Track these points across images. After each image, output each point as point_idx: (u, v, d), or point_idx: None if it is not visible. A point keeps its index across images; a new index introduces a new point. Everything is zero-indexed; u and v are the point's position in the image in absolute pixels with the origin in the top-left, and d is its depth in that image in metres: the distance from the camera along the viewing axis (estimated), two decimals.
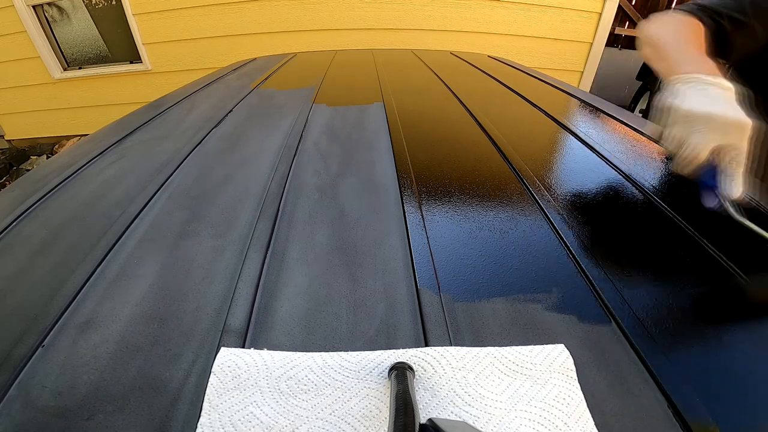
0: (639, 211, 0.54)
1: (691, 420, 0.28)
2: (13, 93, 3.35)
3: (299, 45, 2.98)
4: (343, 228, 0.50)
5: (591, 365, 0.32)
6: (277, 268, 0.43)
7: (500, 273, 0.42)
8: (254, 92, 1.13)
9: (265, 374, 0.30)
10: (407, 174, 0.62)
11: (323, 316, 0.37)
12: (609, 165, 0.66)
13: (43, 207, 0.57)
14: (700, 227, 0.49)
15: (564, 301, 0.38)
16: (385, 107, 0.94)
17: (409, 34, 2.99)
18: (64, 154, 0.76)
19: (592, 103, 1.00)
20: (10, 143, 3.66)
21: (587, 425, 0.27)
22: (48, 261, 0.45)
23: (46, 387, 0.31)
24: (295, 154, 0.70)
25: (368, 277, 0.42)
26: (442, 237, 0.47)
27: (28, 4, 2.96)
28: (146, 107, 1.04)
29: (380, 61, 1.52)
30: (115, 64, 3.27)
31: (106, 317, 0.37)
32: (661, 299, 0.39)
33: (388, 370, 0.30)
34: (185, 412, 0.29)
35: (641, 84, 2.93)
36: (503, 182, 0.60)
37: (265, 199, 0.56)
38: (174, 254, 0.46)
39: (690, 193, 0.58)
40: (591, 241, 0.47)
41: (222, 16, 2.92)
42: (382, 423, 0.27)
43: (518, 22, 2.95)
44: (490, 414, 0.28)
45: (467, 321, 0.36)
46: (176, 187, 0.60)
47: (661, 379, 0.31)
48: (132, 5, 2.92)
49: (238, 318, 0.36)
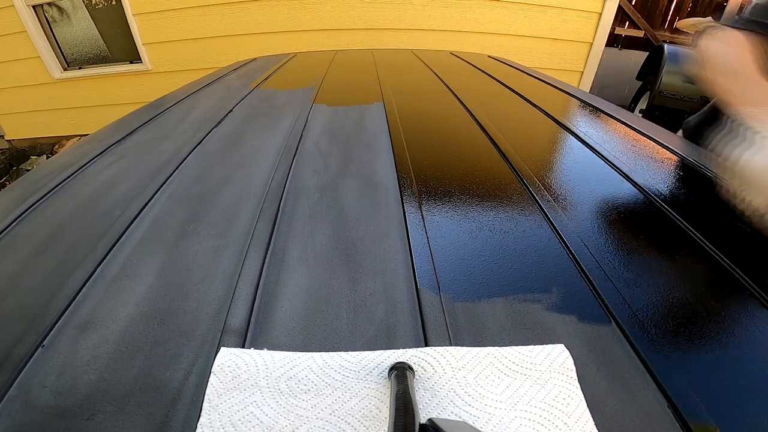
0: (639, 211, 0.54)
1: (691, 420, 0.28)
2: (13, 93, 3.35)
3: (299, 45, 2.98)
4: (343, 228, 0.50)
5: (591, 365, 0.32)
6: (277, 268, 0.43)
7: (500, 273, 0.42)
8: (254, 92, 1.13)
9: (265, 374, 0.30)
10: (407, 174, 0.62)
11: (323, 316, 0.37)
12: (609, 165, 0.66)
13: (43, 207, 0.57)
14: (700, 227, 0.49)
15: (564, 301, 0.38)
16: (385, 107, 0.94)
17: (409, 34, 2.99)
18: (64, 154, 0.76)
19: (592, 103, 1.00)
20: (10, 143, 3.65)
21: (587, 425, 0.27)
22: (48, 261, 0.45)
23: (46, 387, 0.31)
24: (295, 154, 0.70)
25: (368, 277, 0.42)
26: (442, 237, 0.47)
27: (28, 4, 2.95)
28: (146, 107, 1.04)
29: (380, 61, 1.52)
30: (115, 64, 3.27)
31: (106, 317, 0.37)
32: (662, 299, 0.39)
33: (388, 370, 0.30)
34: (185, 412, 0.29)
35: (641, 84, 2.93)
36: (503, 182, 0.60)
37: (265, 199, 0.56)
38: (174, 254, 0.46)
39: (690, 193, 0.58)
40: (591, 241, 0.47)
41: (222, 16, 2.92)
42: (382, 423, 0.27)
43: (518, 22, 2.95)
44: (490, 414, 0.28)
45: (467, 321, 0.36)
46: (176, 187, 0.60)
47: (661, 379, 0.31)
48: (132, 5, 2.91)
49: (238, 318, 0.36)
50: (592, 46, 3.01)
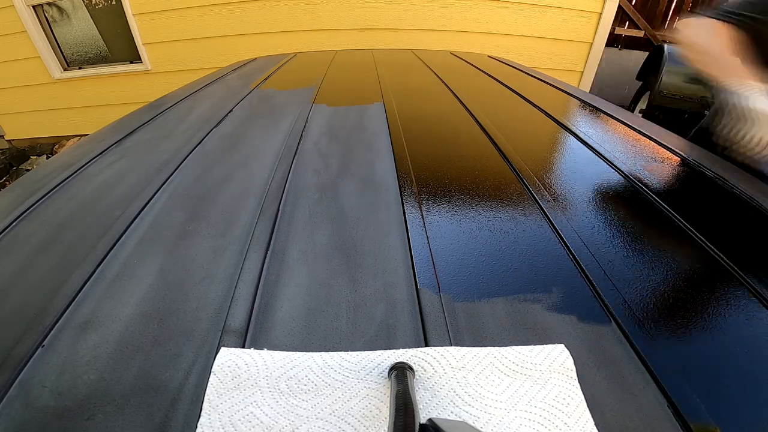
0: (639, 211, 0.54)
1: (691, 420, 0.28)
2: (13, 93, 3.35)
3: (299, 45, 2.98)
4: (343, 228, 0.50)
5: (591, 365, 0.32)
6: (277, 268, 0.43)
7: (500, 273, 0.42)
8: (254, 92, 1.13)
9: (265, 374, 0.30)
10: (407, 174, 0.62)
11: (323, 316, 0.37)
12: (609, 165, 0.66)
13: (43, 207, 0.57)
14: (700, 228, 0.49)
15: (564, 301, 0.38)
16: (385, 107, 0.94)
17: (409, 34, 2.99)
18: (64, 154, 0.76)
19: (592, 103, 1.00)
20: (10, 143, 3.65)
21: (587, 425, 0.27)
22: (48, 261, 0.45)
23: (46, 387, 0.31)
24: (295, 154, 0.70)
25: (368, 277, 0.42)
26: (442, 237, 0.47)
27: (28, 4, 2.95)
28: (146, 107, 1.04)
29: (380, 61, 1.52)
30: (115, 64, 3.27)
31: (106, 317, 0.37)
32: (662, 299, 0.39)
33: (388, 370, 0.30)
34: (185, 412, 0.29)
35: (641, 84, 2.93)
36: (503, 182, 0.60)
37: (265, 199, 0.56)
38: (174, 254, 0.46)
39: (690, 193, 0.58)
40: (591, 241, 0.47)
41: (222, 16, 2.92)
42: (382, 423, 0.27)
43: (518, 22, 2.95)
44: (490, 414, 0.28)
45: (467, 321, 0.36)
46: (176, 187, 0.60)
47: (661, 380, 0.31)
48: (132, 5, 2.91)
49: (238, 318, 0.36)
50: (592, 46, 3.01)
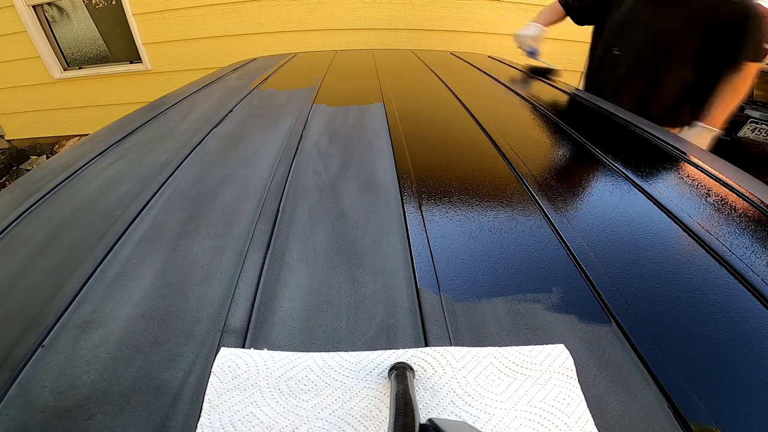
0: (639, 211, 0.54)
1: (691, 420, 0.28)
2: (13, 93, 3.35)
3: (299, 45, 2.98)
4: (343, 228, 0.50)
5: (591, 365, 0.32)
6: (277, 268, 0.43)
7: (500, 273, 0.42)
8: (254, 92, 1.13)
9: (265, 374, 0.30)
10: (407, 174, 0.62)
11: (323, 316, 0.37)
12: (609, 165, 0.66)
13: (43, 207, 0.57)
14: (700, 228, 0.49)
15: (564, 301, 0.38)
16: (385, 107, 0.94)
17: (409, 34, 2.99)
18: (64, 154, 0.76)
19: (592, 103, 1.00)
20: (10, 143, 3.66)
21: (587, 425, 0.27)
22: (48, 261, 0.45)
23: (46, 387, 0.31)
24: (295, 154, 0.70)
25: (368, 277, 0.42)
26: (442, 237, 0.47)
27: (28, 4, 2.95)
28: (146, 107, 1.04)
29: (380, 61, 1.52)
30: (115, 64, 3.27)
31: (106, 317, 0.37)
32: (661, 299, 0.39)
33: (388, 370, 0.30)
34: (185, 412, 0.29)
35: None
36: (503, 182, 0.60)
37: (265, 199, 0.56)
38: (174, 254, 0.46)
39: (690, 192, 0.58)
40: (591, 241, 0.47)
41: (222, 16, 2.92)
42: (382, 423, 0.27)
43: (518, 22, 2.93)
44: (490, 414, 0.28)
45: (467, 321, 0.36)
46: (176, 188, 0.60)
47: (661, 379, 0.31)
48: (132, 5, 2.91)
49: (238, 318, 0.36)
50: None
